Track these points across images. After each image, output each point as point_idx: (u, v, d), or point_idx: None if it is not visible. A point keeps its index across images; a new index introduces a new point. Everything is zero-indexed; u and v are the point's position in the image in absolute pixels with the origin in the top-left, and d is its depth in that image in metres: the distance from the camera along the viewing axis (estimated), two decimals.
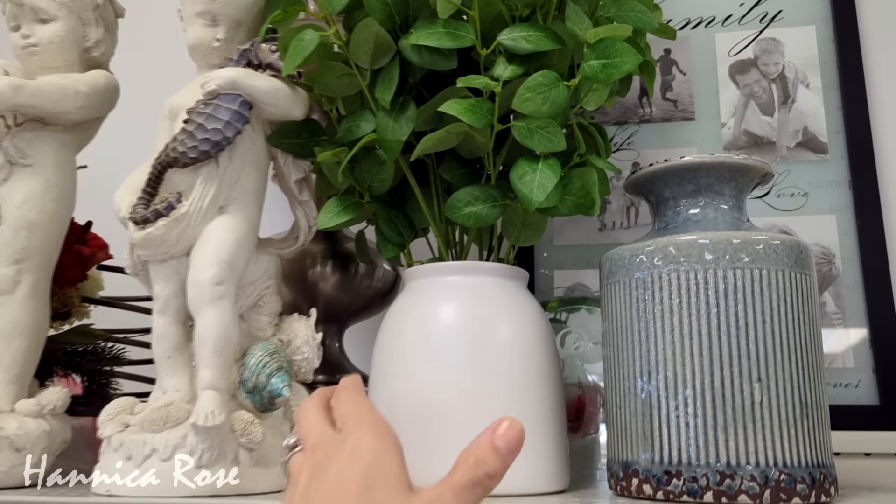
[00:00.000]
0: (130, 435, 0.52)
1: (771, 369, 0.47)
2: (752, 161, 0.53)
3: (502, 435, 0.38)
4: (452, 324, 0.54)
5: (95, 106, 0.66)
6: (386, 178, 0.58)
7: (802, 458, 0.47)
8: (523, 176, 0.53)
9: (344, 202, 0.59)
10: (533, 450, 0.51)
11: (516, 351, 0.53)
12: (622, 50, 0.52)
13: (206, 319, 0.52)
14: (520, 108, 0.51)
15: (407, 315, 0.56)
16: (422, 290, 0.57)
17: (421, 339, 0.54)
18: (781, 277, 0.49)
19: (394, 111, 0.56)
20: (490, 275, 0.56)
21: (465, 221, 0.55)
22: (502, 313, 0.55)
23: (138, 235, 0.55)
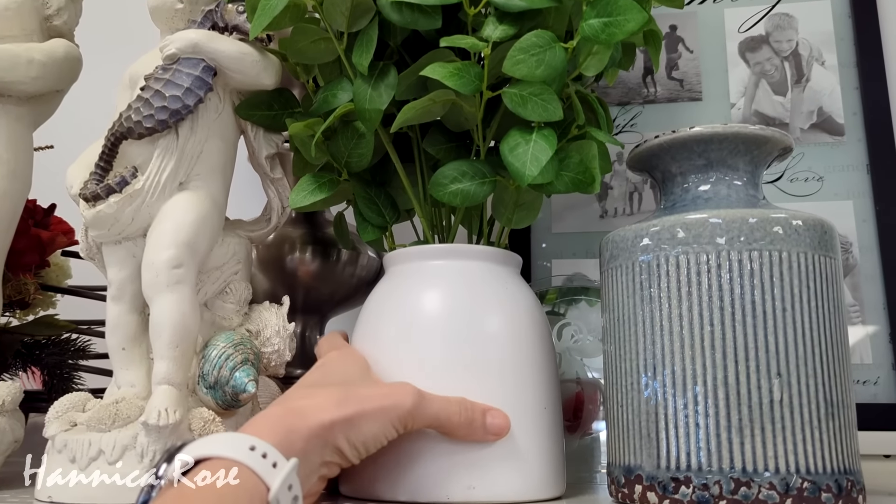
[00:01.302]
0: (75, 435, 0.46)
1: (792, 363, 0.42)
2: (770, 132, 0.47)
3: (495, 413, 0.46)
4: (436, 313, 0.49)
5: (53, 77, 0.61)
6: (365, 153, 0.53)
7: (827, 464, 0.41)
8: (515, 148, 0.47)
9: (318, 179, 0.53)
10: (525, 452, 0.46)
11: (507, 343, 0.48)
12: (625, 6, 0.46)
13: (161, 306, 0.47)
14: (511, 72, 0.46)
15: (386, 304, 0.51)
16: (403, 277, 0.52)
17: (401, 330, 0.49)
18: (803, 260, 0.44)
19: (372, 78, 0.50)
20: (479, 259, 0.51)
21: (451, 200, 0.50)
22: (492, 301, 0.49)
23: (89, 214, 0.49)
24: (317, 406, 0.40)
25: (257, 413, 0.53)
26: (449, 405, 0.44)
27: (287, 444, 0.37)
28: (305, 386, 0.45)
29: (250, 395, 0.48)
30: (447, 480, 0.45)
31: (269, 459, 0.35)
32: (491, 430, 0.45)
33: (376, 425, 0.42)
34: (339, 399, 0.41)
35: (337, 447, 0.40)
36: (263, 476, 0.34)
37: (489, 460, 0.45)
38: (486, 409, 0.45)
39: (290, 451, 0.37)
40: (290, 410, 0.40)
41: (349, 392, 0.42)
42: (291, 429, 0.38)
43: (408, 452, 0.45)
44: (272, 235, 0.66)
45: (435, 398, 0.44)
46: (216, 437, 0.36)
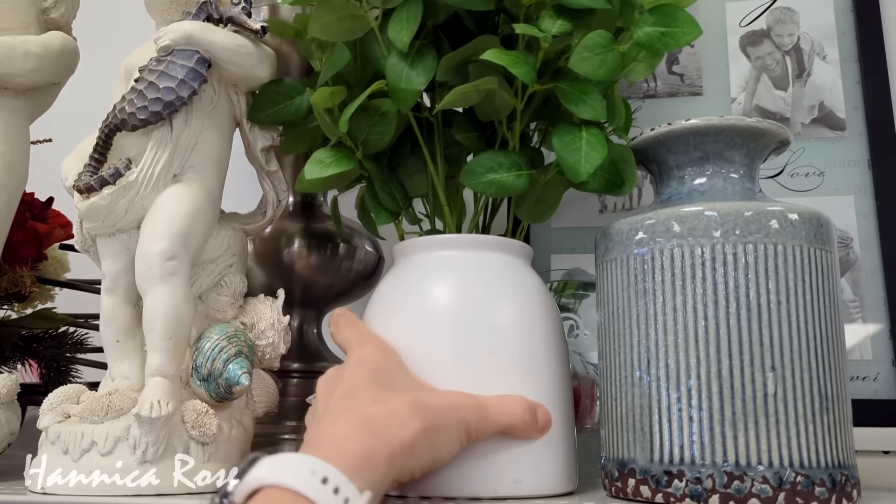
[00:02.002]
0: (68, 426, 0.46)
1: (786, 357, 0.42)
2: (767, 124, 0.47)
3: (541, 409, 0.45)
4: (447, 305, 0.47)
5: (50, 69, 0.61)
6: (385, 132, 0.51)
7: (822, 458, 0.41)
8: (569, 143, 0.48)
9: (336, 153, 0.51)
10: (538, 447, 0.45)
11: (521, 336, 0.47)
12: (684, 19, 0.47)
13: (154, 298, 0.47)
14: (577, 68, 0.47)
15: (394, 295, 0.49)
16: (412, 267, 0.50)
17: (410, 323, 0.47)
18: (799, 254, 0.43)
19: (409, 57, 0.49)
20: (491, 250, 0.50)
21: (485, 190, 0.50)
22: (504, 293, 0.48)
23: (83, 206, 0.49)
24: (392, 417, 0.38)
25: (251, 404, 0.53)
26: (512, 409, 0.43)
27: (367, 470, 0.35)
28: (365, 386, 0.41)
29: (244, 388, 0.48)
30: (494, 475, 0.44)
31: (341, 495, 0.32)
32: (543, 427, 0.45)
33: (449, 440, 0.40)
34: (416, 407, 0.39)
35: (411, 465, 0.38)
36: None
37: (528, 454, 0.45)
38: (537, 406, 0.45)
39: (371, 479, 0.35)
40: (366, 424, 0.37)
41: (420, 402, 0.40)
42: (371, 453, 0.36)
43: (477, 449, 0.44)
44: (269, 229, 0.66)
45: (494, 405, 0.43)
46: (287, 461, 0.33)
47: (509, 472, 0.44)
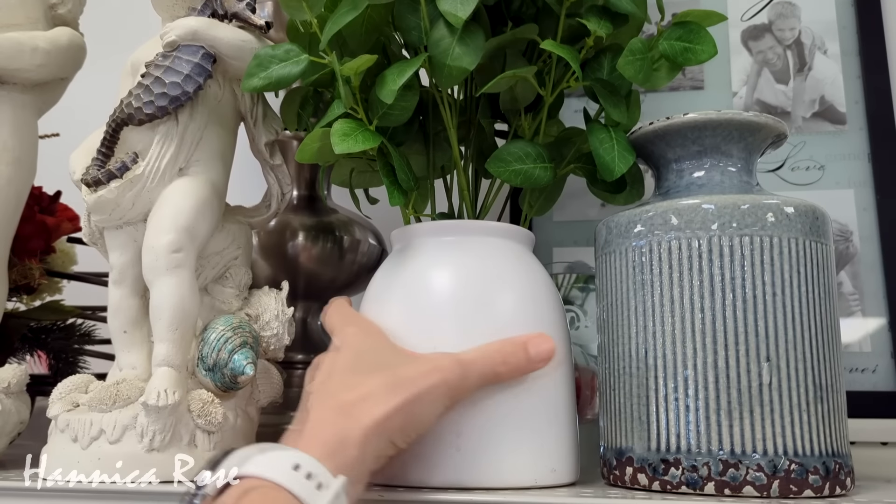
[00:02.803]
0: (78, 415, 0.47)
1: (781, 347, 0.42)
2: (764, 118, 0.48)
3: (536, 340, 0.44)
4: (447, 292, 0.47)
5: (57, 65, 0.62)
6: (408, 107, 0.49)
7: (815, 447, 0.42)
8: (604, 142, 0.50)
9: (357, 125, 0.48)
10: (540, 438, 0.45)
11: (522, 324, 0.46)
12: (706, 38, 0.49)
13: (161, 290, 0.48)
14: (623, 70, 0.49)
15: (393, 283, 0.49)
16: (411, 254, 0.49)
17: (410, 311, 0.47)
18: (794, 246, 0.44)
19: (456, 33, 0.47)
20: (493, 235, 0.49)
21: (511, 179, 0.50)
22: (506, 280, 0.48)
23: (90, 199, 0.50)
24: (366, 399, 0.38)
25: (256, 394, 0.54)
26: (492, 358, 0.43)
27: (340, 453, 0.36)
28: (343, 373, 0.41)
29: (249, 378, 0.49)
30: (535, 464, 0.44)
31: (313, 480, 0.33)
32: (539, 360, 0.44)
33: (429, 407, 0.40)
34: (388, 386, 0.39)
35: (391, 439, 0.39)
36: (305, 500, 0.32)
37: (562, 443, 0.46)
38: (526, 341, 0.44)
39: (344, 461, 0.35)
40: (339, 410, 0.38)
41: (395, 376, 0.40)
42: (344, 436, 0.36)
43: (487, 439, 0.44)
44: (273, 222, 0.66)
45: (475, 359, 0.42)
46: (260, 451, 0.34)
47: (547, 462, 0.45)
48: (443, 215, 0.56)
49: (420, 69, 0.49)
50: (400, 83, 0.46)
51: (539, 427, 0.45)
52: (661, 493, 0.43)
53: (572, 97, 0.82)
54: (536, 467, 0.45)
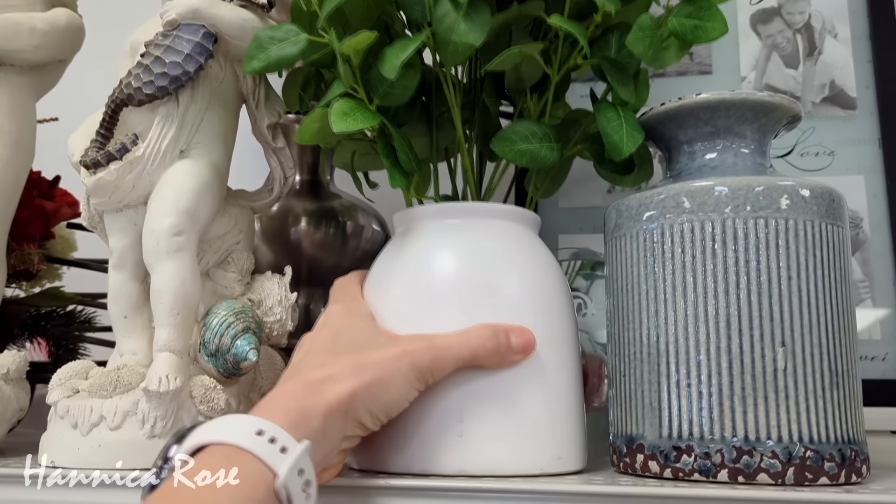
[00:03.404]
0: (78, 401, 0.47)
1: (797, 332, 0.41)
2: (779, 98, 0.47)
3: (517, 329, 0.44)
4: (451, 277, 0.45)
5: (55, 46, 0.61)
6: (409, 86, 0.48)
7: (831, 433, 0.41)
8: (612, 121, 0.48)
9: (357, 104, 0.47)
10: (546, 425, 0.44)
11: (529, 309, 0.45)
12: (716, 16, 0.48)
13: (162, 274, 0.47)
14: (632, 47, 0.47)
15: (395, 267, 0.48)
16: (413, 237, 0.48)
17: (412, 296, 0.45)
18: (810, 229, 0.43)
19: (461, 8, 0.46)
20: (498, 218, 0.48)
21: (517, 159, 0.49)
22: (513, 264, 0.46)
23: (90, 181, 0.49)
24: (331, 378, 0.38)
25: (259, 381, 0.53)
26: (469, 341, 0.42)
27: (302, 424, 0.36)
28: (316, 352, 0.42)
29: (251, 364, 0.48)
30: (541, 452, 0.43)
31: (277, 444, 0.33)
32: (518, 350, 0.43)
33: (396, 390, 0.40)
34: (354, 367, 0.39)
35: (357, 419, 0.39)
36: (270, 463, 0.33)
37: (567, 431, 0.45)
38: (509, 329, 0.43)
39: (306, 431, 0.36)
40: (306, 386, 0.38)
41: (363, 358, 0.40)
42: (307, 407, 0.37)
43: (491, 426, 0.43)
44: (276, 207, 0.65)
45: (450, 342, 0.42)
46: (223, 420, 0.35)
47: (554, 449, 0.44)
48: (446, 198, 0.54)
49: (424, 49, 0.48)
50: (403, 58, 0.45)
51: (544, 414, 0.44)
52: (672, 481, 0.42)
53: (578, 82, 0.81)
54: (542, 455, 0.44)
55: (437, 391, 0.43)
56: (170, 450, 0.34)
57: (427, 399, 0.43)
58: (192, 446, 0.34)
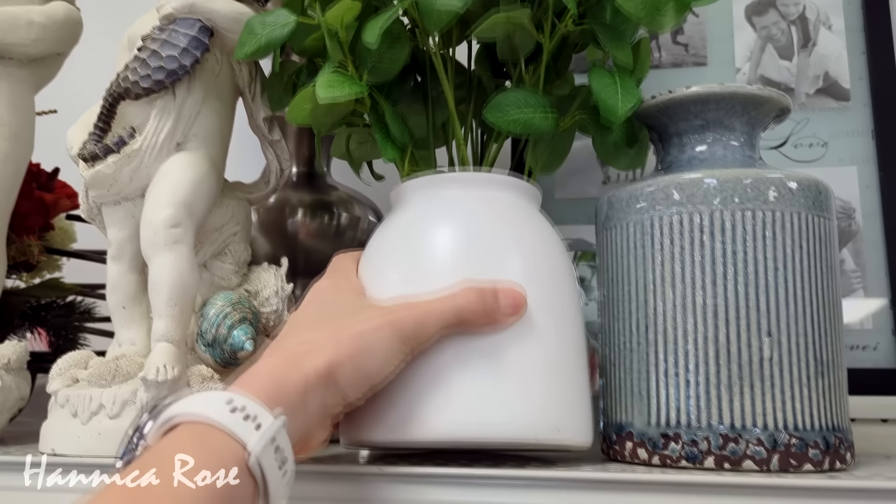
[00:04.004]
0: (77, 390, 0.47)
1: (782, 322, 0.42)
2: (768, 92, 0.47)
3: (505, 289, 0.41)
4: (449, 249, 0.43)
5: (53, 39, 0.61)
6: (398, 58, 0.47)
7: (816, 421, 0.42)
8: (607, 84, 0.47)
9: (344, 76, 0.46)
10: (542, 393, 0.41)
11: (531, 284, 0.43)
12: None
13: (159, 265, 0.48)
14: (624, 5, 0.46)
15: (388, 240, 0.46)
16: (410, 209, 0.46)
17: (408, 269, 0.43)
18: (797, 220, 0.44)
19: None
20: (500, 189, 0.46)
21: (511, 127, 0.48)
22: (515, 236, 0.44)
23: (88, 174, 0.50)
24: (312, 351, 0.37)
25: None
26: (453, 303, 0.40)
27: (281, 397, 0.34)
28: (298, 326, 0.41)
29: (248, 354, 0.49)
30: (536, 421, 0.41)
31: (251, 419, 0.32)
32: (509, 309, 0.41)
33: (379, 360, 0.38)
34: (334, 339, 0.38)
35: (339, 392, 0.37)
36: (243, 439, 0.31)
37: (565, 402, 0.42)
38: (497, 289, 0.41)
39: (284, 405, 0.34)
40: (285, 359, 0.37)
41: (345, 329, 0.38)
42: (285, 381, 0.35)
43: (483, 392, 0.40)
44: (273, 199, 0.66)
45: (434, 306, 0.40)
46: (198, 395, 0.33)
47: (550, 418, 0.41)
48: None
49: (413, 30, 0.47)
50: (383, 23, 0.44)
51: (539, 380, 0.41)
52: (660, 468, 0.43)
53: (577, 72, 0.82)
54: (538, 424, 0.41)
55: (424, 356, 0.41)
56: (143, 423, 0.34)
57: (414, 365, 0.40)
58: (167, 420, 0.32)
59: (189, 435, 0.31)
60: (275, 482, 0.32)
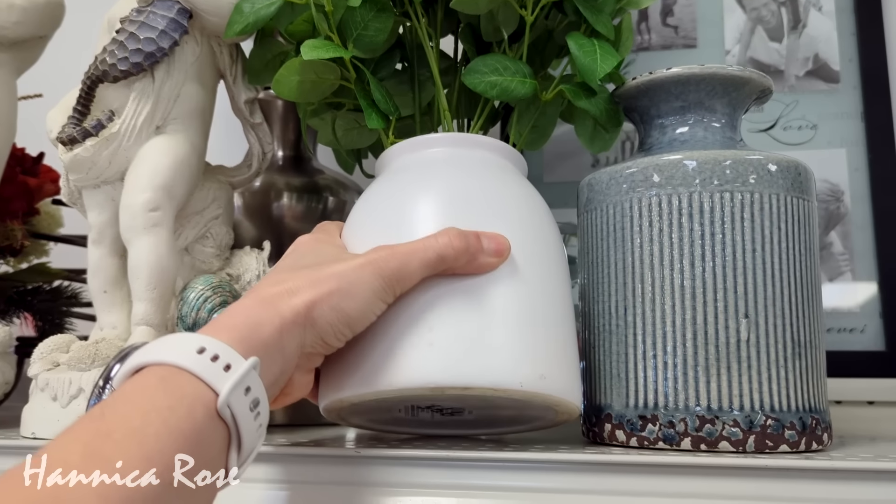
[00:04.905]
0: (57, 374, 0.47)
1: (760, 304, 0.42)
2: (748, 73, 0.47)
3: (489, 234, 0.40)
4: (432, 206, 0.42)
5: (35, 22, 0.61)
6: (382, 29, 0.47)
7: (792, 402, 0.42)
8: (585, 47, 0.47)
9: (329, 42, 0.47)
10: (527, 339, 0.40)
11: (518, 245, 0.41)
12: None
13: (139, 249, 0.48)
14: None
15: (369, 204, 0.44)
16: (391, 172, 0.45)
17: (390, 229, 0.42)
18: (776, 202, 0.43)
19: None
20: (486, 150, 0.45)
21: (487, 91, 0.48)
22: (502, 195, 0.43)
23: (66, 157, 0.50)
24: (289, 292, 0.36)
25: None
26: (435, 242, 0.39)
27: (255, 338, 0.33)
28: (277, 272, 0.39)
29: None
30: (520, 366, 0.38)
31: (220, 361, 0.31)
32: (490, 252, 0.40)
33: (360, 300, 0.37)
34: (312, 279, 0.36)
35: (318, 333, 0.36)
36: (210, 381, 0.30)
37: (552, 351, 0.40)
38: (479, 233, 0.40)
39: (259, 347, 0.33)
40: (259, 300, 0.35)
41: (324, 270, 0.37)
42: (259, 321, 0.34)
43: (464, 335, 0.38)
44: (258, 182, 0.66)
45: (415, 246, 0.39)
46: (165, 339, 0.32)
47: (535, 366, 0.39)
48: None
49: None
50: None
51: (526, 329, 0.40)
52: (637, 449, 0.43)
53: None
54: (522, 370, 0.39)
55: (405, 300, 0.39)
56: (112, 370, 0.33)
57: (393, 309, 0.39)
58: (133, 367, 0.31)
59: (154, 378, 0.30)
60: (247, 425, 0.31)
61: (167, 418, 0.28)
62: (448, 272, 0.39)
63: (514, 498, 0.40)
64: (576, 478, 0.40)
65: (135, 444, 0.27)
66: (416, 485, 0.41)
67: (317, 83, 0.49)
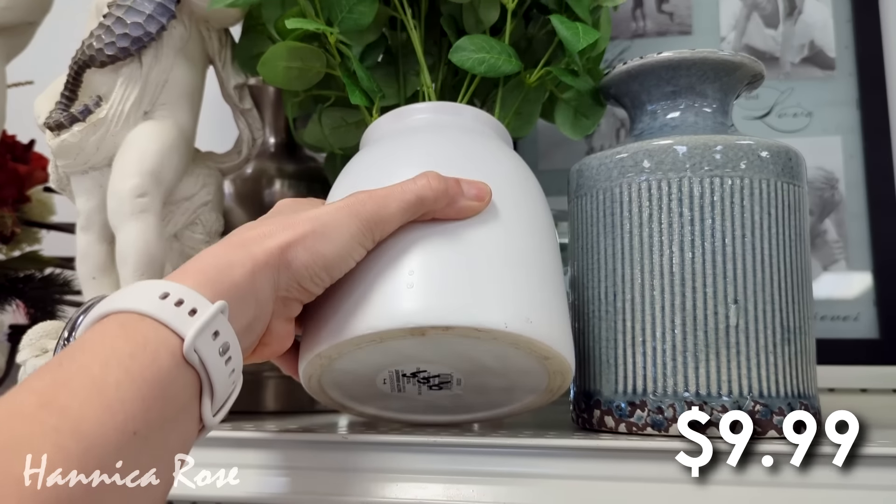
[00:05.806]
0: (45, 360, 0.47)
1: (749, 289, 0.42)
2: (740, 57, 0.46)
3: (470, 180, 0.39)
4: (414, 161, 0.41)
5: (23, 8, 0.60)
6: (367, 12, 0.48)
7: (781, 388, 0.42)
8: (567, 22, 0.49)
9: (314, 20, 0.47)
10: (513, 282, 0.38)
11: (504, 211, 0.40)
12: None
13: (126, 235, 0.48)
14: None
15: (351, 172, 0.43)
16: (375, 142, 0.45)
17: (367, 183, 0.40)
18: (766, 188, 0.43)
19: None
20: (471, 118, 0.45)
21: (474, 68, 0.48)
22: (487, 159, 0.43)
23: (54, 143, 0.49)
24: (263, 235, 0.34)
25: None
26: (413, 185, 0.37)
27: (224, 281, 0.32)
28: (251, 223, 0.38)
29: None
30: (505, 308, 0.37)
31: (185, 306, 0.30)
32: (471, 196, 0.39)
33: (337, 242, 0.35)
34: (287, 223, 0.35)
35: (294, 276, 0.35)
36: (174, 326, 0.29)
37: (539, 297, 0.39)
38: (459, 179, 0.39)
39: (230, 289, 0.32)
40: (231, 244, 0.34)
41: (299, 216, 0.36)
42: (229, 263, 0.32)
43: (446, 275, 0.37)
44: (250, 169, 0.66)
45: (393, 189, 0.37)
46: (129, 288, 0.31)
47: (520, 308, 0.37)
48: None
49: None
50: None
51: (511, 270, 0.38)
52: (626, 435, 0.43)
53: None
54: (507, 310, 0.37)
55: (384, 244, 0.38)
56: (76, 321, 0.32)
57: (372, 255, 0.38)
58: (95, 317, 0.30)
59: (116, 325, 0.29)
60: (217, 370, 0.30)
61: (129, 366, 0.27)
62: (428, 216, 0.38)
63: (504, 483, 0.40)
64: (565, 463, 0.40)
65: (94, 392, 0.26)
66: (405, 470, 0.41)
67: (303, 70, 0.49)
